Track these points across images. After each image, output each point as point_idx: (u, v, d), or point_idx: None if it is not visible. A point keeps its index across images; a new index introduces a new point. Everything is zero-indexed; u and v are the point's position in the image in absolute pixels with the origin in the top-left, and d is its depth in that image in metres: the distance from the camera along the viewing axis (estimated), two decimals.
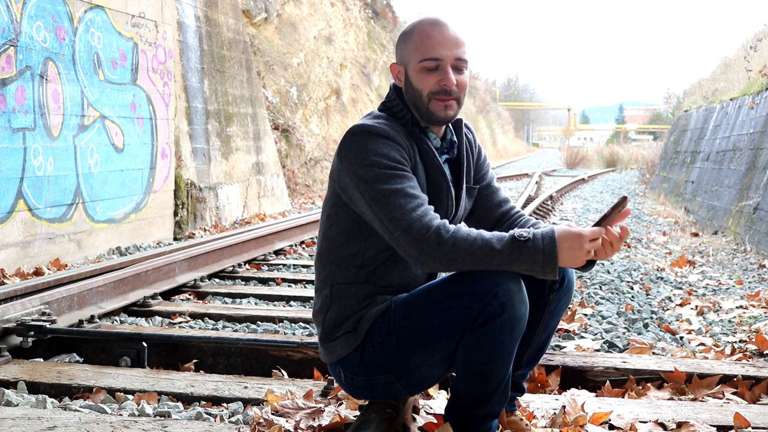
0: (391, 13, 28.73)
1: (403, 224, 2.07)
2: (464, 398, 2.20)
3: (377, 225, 2.13)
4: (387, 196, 2.09)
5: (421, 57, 2.19)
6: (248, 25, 14.56)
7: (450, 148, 2.33)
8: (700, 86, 17.06)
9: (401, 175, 2.13)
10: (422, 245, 2.06)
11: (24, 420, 2.48)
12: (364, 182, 2.11)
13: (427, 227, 2.06)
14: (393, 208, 2.08)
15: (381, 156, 2.12)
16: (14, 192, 5.80)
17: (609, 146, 51.27)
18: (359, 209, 2.16)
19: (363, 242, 2.21)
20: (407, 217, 2.07)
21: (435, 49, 2.18)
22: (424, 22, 2.24)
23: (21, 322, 3.41)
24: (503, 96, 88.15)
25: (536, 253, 2.02)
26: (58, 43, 6.31)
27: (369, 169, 2.11)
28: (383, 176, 2.11)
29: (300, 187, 14.23)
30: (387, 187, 2.10)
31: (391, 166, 2.12)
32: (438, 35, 2.19)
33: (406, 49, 2.25)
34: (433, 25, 2.22)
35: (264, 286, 5.48)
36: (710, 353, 3.65)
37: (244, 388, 2.93)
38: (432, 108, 2.21)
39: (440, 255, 2.05)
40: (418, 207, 2.09)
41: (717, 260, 7.40)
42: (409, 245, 2.07)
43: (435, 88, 2.19)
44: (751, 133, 9.88)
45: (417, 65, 2.21)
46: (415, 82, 2.22)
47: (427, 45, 2.19)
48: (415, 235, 2.06)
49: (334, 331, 2.24)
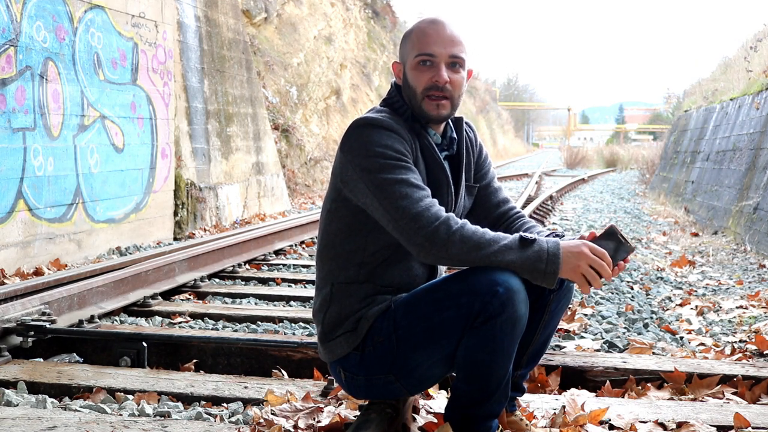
0: (391, 13, 28.72)
1: (410, 213, 2.07)
2: (464, 398, 2.20)
3: (381, 215, 2.12)
4: (392, 185, 2.09)
5: (416, 53, 2.22)
6: (248, 25, 14.56)
7: (450, 145, 2.33)
8: (700, 86, 17.06)
9: (405, 166, 2.13)
10: (430, 235, 2.06)
11: (24, 420, 2.48)
12: (368, 172, 2.12)
13: (436, 217, 2.07)
14: (399, 197, 2.09)
15: (385, 147, 2.13)
16: (14, 192, 5.80)
17: (609, 146, 51.29)
18: (362, 201, 2.16)
19: (363, 238, 2.21)
20: (414, 206, 2.08)
21: (429, 45, 2.21)
22: (423, 21, 2.28)
23: (21, 322, 3.41)
24: (503, 96, 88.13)
25: (540, 254, 2.04)
26: (58, 43, 6.31)
27: (373, 159, 2.12)
28: (387, 166, 2.11)
29: (300, 187, 14.23)
30: (392, 176, 2.10)
31: (395, 157, 2.13)
32: (433, 33, 2.22)
33: (405, 48, 2.28)
34: (430, 23, 2.25)
35: (264, 286, 5.48)
36: (710, 353, 3.65)
37: (244, 388, 2.93)
38: (425, 107, 2.22)
39: (447, 246, 2.05)
40: (425, 197, 2.10)
41: (717, 260, 7.40)
42: (416, 234, 2.07)
43: (427, 84, 2.21)
44: (751, 133, 9.88)
45: (413, 61, 2.23)
46: (411, 79, 2.24)
47: (423, 42, 2.22)
48: (423, 224, 2.06)
49: (333, 330, 2.24)
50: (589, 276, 2.06)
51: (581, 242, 2.09)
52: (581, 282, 2.07)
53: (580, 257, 2.06)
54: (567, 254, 2.06)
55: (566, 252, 2.06)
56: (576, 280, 2.07)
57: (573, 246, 2.07)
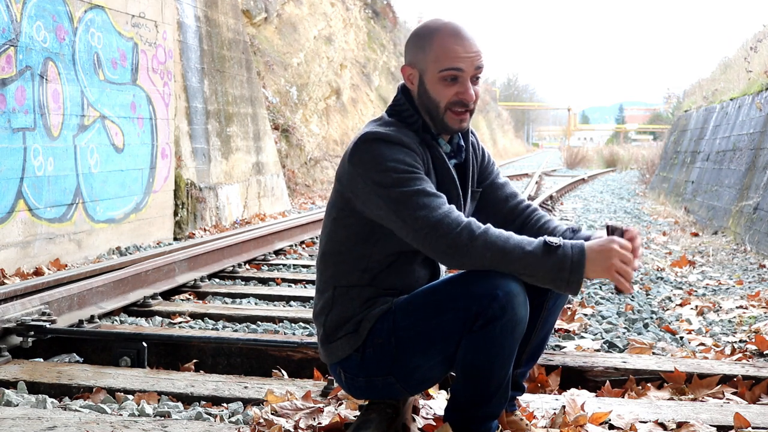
0: (391, 13, 28.72)
1: (430, 221, 2.06)
2: (464, 399, 2.20)
3: (400, 227, 2.11)
4: (409, 198, 2.08)
5: (442, 67, 2.16)
6: (248, 25, 14.56)
7: (458, 153, 2.32)
8: (700, 86, 17.06)
9: (419, 177, 2.12)
10: (453, 240, 2.04)
11: (24, 420, 2.48)
12: (383, 187, 2.10)
13: (457, 223, 2.06)
14: (417, 207, 2.07)
15: (396, 161, 2.12)
16: (14, 192, 5.80)
17: (609, 146, 51.27)
18: (376, 214, 2.14)
19: (371, 246, 2.20)
20: (434, 214, 2.07)
21: (457, 60, 2.15)
22: (446, 32, 2.18)
23: (21, 322, 3.41)
24: (503, 96, 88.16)
25: (564, 262, 2.00)
26: (58, 43, 6.31)
27: (386, 174, 2.10)
28: (401, 180, 2.10)
29: (300, 187, 14.23)
30: (407, 189, 2.09)
31: (408, 171, 2.11)
32: (461, 47, 2.16)
33: (423, 56, 2.20)
34: (454, 35, 2.17)
35: (264, 286, 5.48)
36: (710, 353, 3.65)
37: (244, 388, 2.93)
38: (447, 120, 2.20)
39: (471, 250, 2.04)
40: (443, 204, 2.09)
41: (717, 260, 7.40)
42: (438, 241, 2.05)
43: (453, 99, 2.18)
44: (751, 133, 9.88)
45: (436, 74, 2.17)
46: (433, 91, 2.19)
47: (450, 56, 2.15)
48: (444, 230, 2.05)
49: (335, 333, 2.24)
50: (623, 272, 2.01)
51: (609, 239, 2.03)
52: (618, 281, 2.01)
53: (611, 254, 2.01)
54: (596, 255, 2.01)
55: (595, 253, 2.01)
56: (612, 279, 2.02)
57: (601, 245, 2.02)
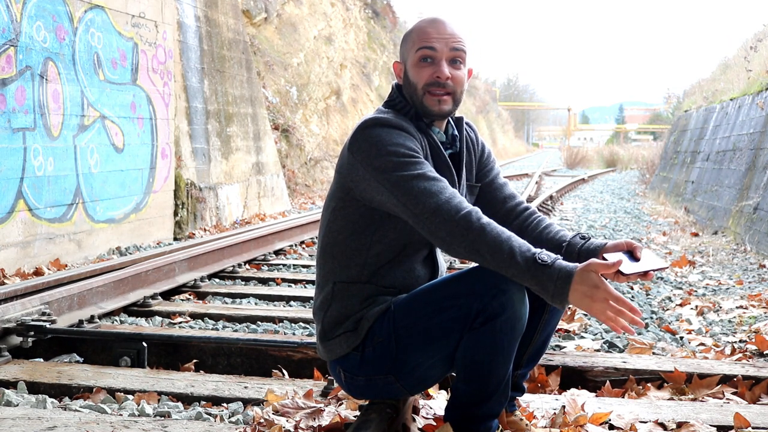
0: (391, 13, 28.73)
1: (431, 205, 2.06)
2: (464, 398, 2.20)
3: (401, 211, 2.10)
4: (409, 181, 2.08)
5: (417, 47, 2.23)
6: (248, 25, 14.56)
7: (452, 143, 2.33)
8: (700, 86, 17.06)
9: (419, 161, 2.12)
10: (450, 227, 2.04)
11: (24, 420, 2.48)
12: (382, 172, 2.10)
13: (457, 209, 2.05)
14: (418, 191, 2.07)
15: (396, 145, 2.12)
16: (14, 192, 5.80)
17: (609, 146, 51.24)
18: (377, 200, 2.14)
19: (368, 237, 2.20)
20: (435, 198, 2.06)
21: (430, 40, 2.22)
22: (424, 20, 2.29)
23: (21, 322, 3.41)
24: (503, 96, 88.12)
25: (548, 283, 1.97)
26: (58, 43, 6.31)
27: (386, 158, 2.11)
28: (401, 164, 2.10)
29: (300, 187, 14.23)
30: (408, 173, 2.09)
31: (408, 154, 2.12)
32: (434, 29, 2.23)
33: (405, 46, 2.29)
34: (431, 21, 2.27)
35: (264, 286, 5.47)
36: (710, 353, 3.65)
37: (244, 388, 2.93)
38: (426, 102, 2.22)
39: (466, 240, 2.03)
40: (445, 189, 2.09)
41: (717, 260, 7.40)
42: (438, 226, 2.05)
43: (429, 80, 2.21)
44: (751, 133, 9.88)
45: (413, 57, 2.24)
46: (412, 75, 2.24)
47: (424, 38, 2.23)
48: (444, 215, 2.04)
49: (333, 330, 2.24)
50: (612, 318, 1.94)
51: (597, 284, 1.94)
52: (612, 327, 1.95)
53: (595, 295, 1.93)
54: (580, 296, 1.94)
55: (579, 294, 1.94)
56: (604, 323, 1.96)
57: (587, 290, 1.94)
